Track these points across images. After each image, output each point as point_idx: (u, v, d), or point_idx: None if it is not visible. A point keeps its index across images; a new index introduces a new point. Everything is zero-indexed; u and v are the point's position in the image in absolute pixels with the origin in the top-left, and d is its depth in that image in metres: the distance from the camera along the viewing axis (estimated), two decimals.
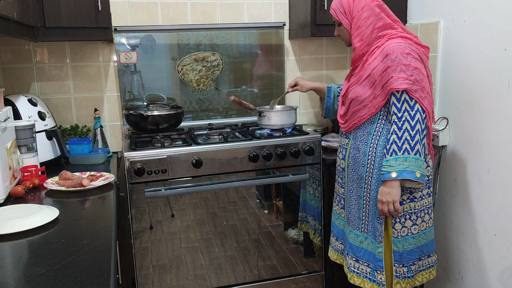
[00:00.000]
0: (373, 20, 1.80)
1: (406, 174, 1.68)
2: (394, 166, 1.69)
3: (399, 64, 1.70)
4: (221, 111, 2.73)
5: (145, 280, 2.13)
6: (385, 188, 1.73)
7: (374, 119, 1.82)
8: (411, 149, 1.69)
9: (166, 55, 2.58)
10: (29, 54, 2.38)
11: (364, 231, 1.89)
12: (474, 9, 1.98)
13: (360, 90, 1.82)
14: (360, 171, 1.86)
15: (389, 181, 1.71)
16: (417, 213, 1.85)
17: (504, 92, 1.86)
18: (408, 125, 1.69)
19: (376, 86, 1.77)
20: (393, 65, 1.71)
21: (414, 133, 1.69)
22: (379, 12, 1.80)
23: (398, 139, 1.70)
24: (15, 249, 1.25)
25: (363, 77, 1.81)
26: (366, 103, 1.81)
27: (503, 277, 1.96)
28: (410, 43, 1.75)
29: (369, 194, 1.84)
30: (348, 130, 1.92)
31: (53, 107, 2.43)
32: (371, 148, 1.82)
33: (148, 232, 2.12)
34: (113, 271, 1.10)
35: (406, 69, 1.70)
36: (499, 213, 1.94)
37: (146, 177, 2.05)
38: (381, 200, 1.75)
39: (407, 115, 1.70)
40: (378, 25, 1.80)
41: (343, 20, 1.86)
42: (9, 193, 1.66)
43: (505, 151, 1.88)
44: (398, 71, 1.70)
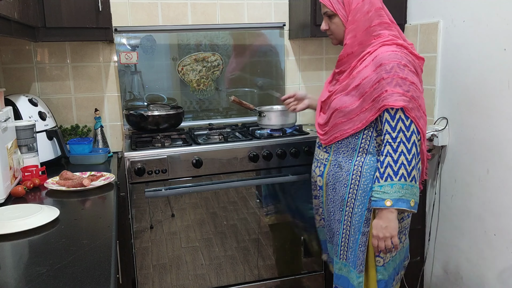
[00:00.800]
0: (371, 16, 1.58)
1: (402, 203, 1.50)
2: (389, 193, 1.50)
3: (395, 76, 1.50)
4: (221, 111, 2.73)
5: (145, 279, 2.13)
6: (381, 221, 1.54)
7: (359, 134, 1.62)
8: (407, 175, 1.50)
9: (166, 55, 2.59)
10: (29, 54, 2.39)
11: (343, 258, 1.71)
12: (474, 9, 1.98)
13: (346, 100, 1.61)
14: (342, 192, 1.67)
15: (384, 212, 1.53)
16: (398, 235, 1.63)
17: (504, 92, 1.86)
18: (404, 147, 1.50)
19: (365, 99, 1.56)
20: (388, 77, 1.50)
21: (410, 157, 1.50)
22: (379, 8, 1.60)
23: (393, 162, 1.51)
24: (15, 248, 1.26)
25: (350, 85, 1.60)
26: (351, 116, 1.60)
27: (503, 277, 1.96)
28: (406, 53, 1.56)
29: (351, 219, 1.66)
30: (328, 143, 1.71)
31: (54, 107, 2.44)
32: (356, 167, 1.64)
33: (149, 232, 2.12)
34: (114, 271, 1.10)
35: (402, 84, 1.50)
36: (499, 213, 1.94)
37: (147, 177, 2.06)
38: (378, 236, 1.55)
39: (402, 136, 1.50)
40: (375, 23, 1.59)
41: (340, 11, 1.61)
42: (10, 193, 1.67)
43: (505, 151, 1.88)
44: (394, 85, 1.50)
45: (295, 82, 2.80)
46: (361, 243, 1.65)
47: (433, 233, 2.36)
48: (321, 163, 1.76)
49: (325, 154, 1.74)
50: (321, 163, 1.77)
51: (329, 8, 1.63)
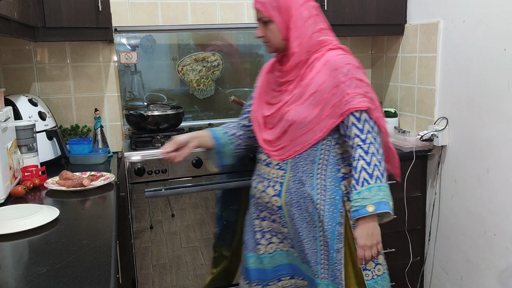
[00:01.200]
0: (313, 21, 1.50)
1: (384, 206, 1.39)
2: (369, 198, 1.39)
3: (353, 79, 1.44)
4: (221, 111, 2.73)
5: (145, 279, 2.13)
6: (365, 229, 1.41)
7: (317, 145, 1.52)
8: (382, 176, 1.41)
9: (166, 55, 2.59)
10: (29, 54, 2.39)
11: (324, 277, 1.57)
12: (474, 10, 1.98)
13: (303, 110, 1.49)
14: (311, 209, 1.54)
15: (367, 218, 1.40)
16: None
17: (504, 92, 1.86)
18: (374, 149, 1.43)
19: (324, 106, 1.47)
20: (346, 80, 1.44)
21: (380, 157, 1.43)
22: (317, 14, 1.52)
23: (367, 165, 1.41)
24: (15, 248, 1.26)
25: (305, 94, 1.49)
26: (311, 126, 1.50)
27: (503, 277, 1.96)
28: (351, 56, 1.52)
29: (324, 234, 1.54)
30: (285, 159, 1.56)
31: (54, 107, 2.44)
32: (318, 181, 1.53)
33: (148, 231, 2.12)
34: (114, 271, 1.10)
35: (361, 85, 1.45)
36: (499, 213, 1.94)
37: (146, 177, 2.06)
38: (365, 245, 1.42)
39: (370, 137, 1.43)
40: (317, 29, 1.51)
41: (276, 18, 1.49)
42: (10, 193, 1.67)
43: (505, 151, 1.88)
44: (353, 87, 1.44)
45: None
46: (336, 261, 1.53)
47: (433, 233, 2.36)
48: (275, 182, 1.59)
49: (280, 171, 1.58)
50: (274, 182, 1.59)
51: (265, 14, 1.51)
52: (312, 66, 1.50)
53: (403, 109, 2.53)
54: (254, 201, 1.70)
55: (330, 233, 1.53)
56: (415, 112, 2.43)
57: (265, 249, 1.68)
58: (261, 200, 1.65)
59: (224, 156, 1.74)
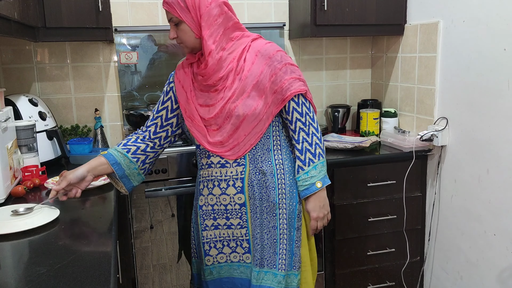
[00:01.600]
0: (224, 19, 1.50)
1: (327, 179, 1.57)
2: (316, 175, 1.54)
3: (287, 65, 1.52)
4: None
5: (146, 279, 2.13)
6: (317, 202, 1.57)
7: (269, 133, 1.57)
8: (322, 152, 1.57)
9: (166, 55, 2.58)
10: (29, 54, 2.39)
11: (281, 268, 1.58)
12: (474, 9, 1.98)
13: (252, 103, 1.51)
14: (272, 197, 1.57)
15: (316, 194, 1.56)
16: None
17: (504, 92, 1.86)
18: (313, 128, 1.56)
19: (267, 94, 1.51)
20: (281, 66, 1.51)
21: (319, 135, 1.57)
22: (227, 10, 1.52)
23: (309, 145, 1.55)
24: (15, 248, 1.26)
25: (248, 86, 1.50)
26: (261, 116, 1.52)
27: (503, 277, 1.96)
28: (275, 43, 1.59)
29: (285, 219, 1.59)
30: (242, 155, 1.56)
31: (54, 107, 2.44)
32: (277, 166, 1.58)
33: (149, 231, 2.12)
34: (114, 271, 1.10)
35: (294, 70, 1.54)
36: (499, 213, 1.94)
37: (147, 177, 2.05)
38: (318, 217, 1.58)
39: (308, 118, 1.55)
40: (229, 25, 1.52)
41: (186, 17, 1.47)
42: (10, 193, 1.67)
43: (505, 151, 1.88)
44: (289, 73, 1.52)
45: None
46: (296, 238, 1.61)
47: (433, 233, 2.36)
48: (235, 180, 1.58)
49: (239, 167, 1.57)
50: (234, 180, 1.58)
51: (174, 15, 1.49)
52: (244, 58, 1.52)
53: (403, 109, 2.53)
54: (203, 211, 1.65)
55: (290, 213, 1.59)
56: (415, 112, 2.43)
57: (213, 260, 1.66)
58: (217, 206, 1.62)
59: (131, 177, 1.62)
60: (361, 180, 2.27)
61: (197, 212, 1.67)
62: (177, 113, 1.66)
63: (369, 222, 2.29)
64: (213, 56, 1.49)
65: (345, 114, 2.73)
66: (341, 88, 2.89)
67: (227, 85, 1.52)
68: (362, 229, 2.31)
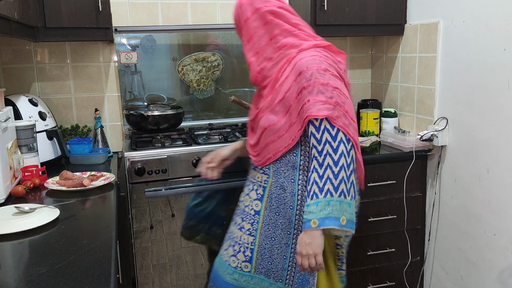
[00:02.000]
0: (268, 29, 1.49)
1: (329, 222, 1.35)
2: (315, 212, 1.36)
3: (316, 84, 1.38)
4: (221, 111, 2.73)
5: (146, 279, 2.13)
6: (305, 237, 1.39)
7: (297, 151, 1.49)
8: (334, 190, 1.35)
9: (166, 55, 2.59)
10: (29, 54, 2.39)
11: (288, 284, 1.55)
12: (474, 9, 1.98)
13: (273, 117, 1.48)
14: (289, 215, 1.51)
15: (311, 230, 1.38)
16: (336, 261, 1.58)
17: (504, 92, 1.86)
18: (331, 160, 1.36)
19: (291, 112, 1.44)
20: (308, 85, 1.39)
21: (337, 169, 1.35)
22: (271, 19, 1.48)
23: (319, 178, 1.37)
24: (15, 249, 1.26)
25: (275, 101, 1.48)
26: (281, 134, 1.48)
27: (503, 277, 1.96)
28: (325, 55, 1.46)
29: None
30: (262, 165, 1.57)
31: (54, 107, 2.44)
32: (300, 187, 1.50)
33: (149, 231, 2.12)
34: (114, 271, 1.10)
35: (324, 90, 1.38)
36: (499, 213, 1.94)
37: (147, 177, 2.06)
38: (301, 253, 1.41)
39: (328, 147, 1.36)
40: (275, 33, 1.49)
41: (239, 33, 1.56)
42: (10, 193, 1.67)
43: (505, 151, 1.88)
44: (315, 93, 1.38)
45: None
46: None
47: (433, 233, 2.36)
48: (259, 186, 1.58)
49: (264, 175, 1.57)
50: (258, 185, 1.58)
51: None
52: (284, 70, 1.48)
53: (403, 109, 2.53)
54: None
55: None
56: (415, 112, 2.43)
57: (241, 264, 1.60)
58: (242, 203, 1.66)
59: None
60: None
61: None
62: None
63: (369, 222, 2.29)
64: (253, 68, 1.53)
65: None
66: None
67: (264, 94, 1.54)
68: (362, 229, 2.31)
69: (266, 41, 1.49)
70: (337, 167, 1.36)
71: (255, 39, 1.50)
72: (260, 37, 1.50)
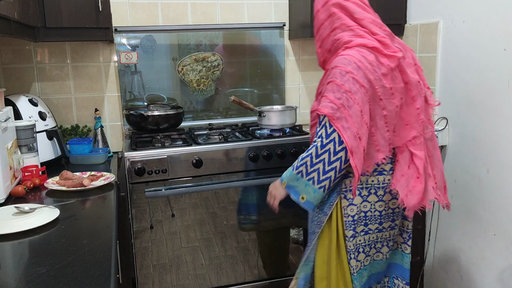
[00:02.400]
0: (330, 22, 1.57)
1: (291, 191, 1.55)
2: (288, 177, 1.55)
3: (333, 83, 1.48)
4: (221, 111, 2.73)
5: (146, 279, 2.13)
6: (277, 183, 1.62)
7: None
8: (306, 174, 1.50)
9: (166, 55, 2.59)
10: (29, 54, 2.39)
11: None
12: (474, 9, 1.98)
13: (315, 105, 1.64)
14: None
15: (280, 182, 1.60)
16: (371, 244, 1.67)
17: (504, 92, 1.86)
18: (315, 151, 1.48)
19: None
20: (329, 82, 1.50)
21: (317, 161, 1.48)
22: (335, 12, 1.56)
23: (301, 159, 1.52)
24: (15, 249, 1.26)
25: (318, 91, 1.66)
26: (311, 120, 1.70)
27: (503, 277, 1.96)
28: (364, 56, 1.49)
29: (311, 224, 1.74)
30: None
31: (54, 107, 2.44)
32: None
33: (149, 231, 2.12)
34: (114, 271, 1.10)
35: (336, 90, 1.46)
36: (499, 213, 1.94)
37: (147, 177, 2.06)
38: (270, 191, 1.66)
39: (319, 141, 1.48)
40: (334, 26, 1.57)
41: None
42: (10, 193, 1.67)
43: (505, 151, 1.88)
44: (329, 91, 1.48)
45: (295, 82, 2.80)
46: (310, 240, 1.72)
47: (433, 233, 2.36)
48: None
49: None
50: None
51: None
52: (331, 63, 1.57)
53: None
54: None
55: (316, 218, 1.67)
56: None
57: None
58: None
59: None
60: None
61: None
62: None
63: None
64: (318, 58, 1.66)
65: None
66: None
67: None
68: None
69: (327, 33, 1.59)
70: (317, 159, 1.48)
71: (321, 30, 1.61)
72: (324, 29, 1.59)
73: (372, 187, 1.60)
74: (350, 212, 1.60)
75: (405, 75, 1.55)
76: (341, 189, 1.60)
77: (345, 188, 1.59)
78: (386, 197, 1.63)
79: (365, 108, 1.46)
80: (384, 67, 1.52)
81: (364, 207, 1.61)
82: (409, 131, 1.58)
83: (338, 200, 1.60)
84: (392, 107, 1.53)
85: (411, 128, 1.58)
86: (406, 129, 1.57)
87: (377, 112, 1.52)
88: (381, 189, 1.61)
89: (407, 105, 1.57)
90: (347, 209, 1.59)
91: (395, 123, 1.56)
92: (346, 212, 1.59)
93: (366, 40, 1.52)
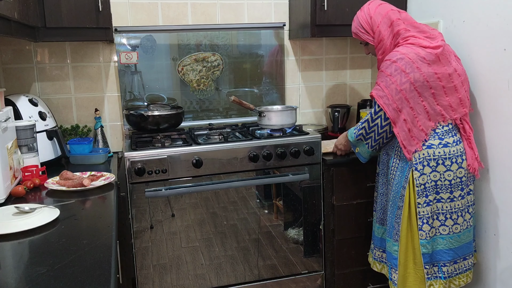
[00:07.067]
0: (391, 31, 1.91)
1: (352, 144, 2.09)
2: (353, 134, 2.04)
3: (380, 70, 1.88)
4: (221, 111, 2.73)
5: (146, 279, 2.13)
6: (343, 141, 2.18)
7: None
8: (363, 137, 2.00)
9: (166, 55, 2.59)
10: (29, 54, 2.39)
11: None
12: (474, 10, 1.98)
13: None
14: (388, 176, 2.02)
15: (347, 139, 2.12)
16: (445, 213, 1.87)
17: (504, 92, 1.86)
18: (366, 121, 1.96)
19: None
20: (379, 71, 1.90)
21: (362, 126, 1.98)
22: (395, 20, 1.91)
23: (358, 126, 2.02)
24: (15, 249, 1.26)
25: None
26: None
27: (503, 277, 1.96)
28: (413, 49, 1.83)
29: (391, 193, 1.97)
30: None
31: (54, 107, 2.44)
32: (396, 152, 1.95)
33: (149, 231, 2.12)
34: (114, 271, 1.10)
35: (381, 76, 1.86)
36: (499, 213, 1.94)
37: (147, 177, 2.06)
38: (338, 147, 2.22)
39: (369, 118, 1.94)
40: (394, 32, 1.91)
41: (369, 39, 1.97)
42: (10, 193, 1.67)
43: (505, 151, 1.88)
44: (378, 77, 1.89)
45: (295, 82, 2.80)
46: (397, 215, 1.92)
47: None
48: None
49: None
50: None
51: (363, 40, 2.01)
52: None
53: None
54: None
55: (394, 193, 1.93)
56: None
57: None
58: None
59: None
60: (361, 180, 2.27)
61: None
62: None
63: (369, 222, 2.28)
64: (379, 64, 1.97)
65: (345, 114, 2.73)
66: (341, 88, 2.90)
67: None
68: (362, 229, 2.31)
69: (390, 40, 1.92)
70: (369, 130, 1.96)
71: (385, 40, 1.92)
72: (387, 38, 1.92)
73: (440, 158, 1.84)
74: (421, 181, 1.85)
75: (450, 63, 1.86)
76: (412, 163, 1.85)
77: (415, 161, 1.85)
78: (454, 167, 1.86)
79: (404, 86, 1.80)
80: (432, 55, 1.82)
81: (434, 177, 1.85)
82: (462, 108, 1.89)
83: (410, 173, 1.86)
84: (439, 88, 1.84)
85: (464, 106, 1.89)
86: (460, 106, 1.88)
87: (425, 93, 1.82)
88: (447, 159, 1.85)
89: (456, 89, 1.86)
90: (418, 179, 1.85)
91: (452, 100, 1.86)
92: (418, 182, 1.85)
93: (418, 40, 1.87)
